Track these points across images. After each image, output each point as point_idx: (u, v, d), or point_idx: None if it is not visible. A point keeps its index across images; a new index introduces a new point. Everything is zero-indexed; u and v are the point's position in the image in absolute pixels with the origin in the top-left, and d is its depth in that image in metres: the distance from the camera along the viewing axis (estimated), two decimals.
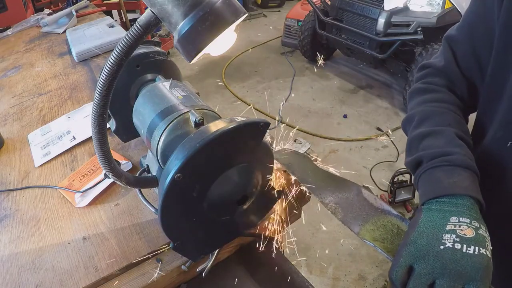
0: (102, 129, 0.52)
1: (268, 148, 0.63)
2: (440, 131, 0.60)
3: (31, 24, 2.05)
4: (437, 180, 0.54)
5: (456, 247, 0.45)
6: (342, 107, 3.39)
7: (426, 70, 0.74)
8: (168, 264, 0.67)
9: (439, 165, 0.56)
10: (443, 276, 0.44)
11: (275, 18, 5.57)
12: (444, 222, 0.48)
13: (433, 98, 0.68)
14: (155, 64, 0.82)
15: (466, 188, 0.52)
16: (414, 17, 2.89)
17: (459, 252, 0.44)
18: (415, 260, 0.46)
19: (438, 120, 0.63)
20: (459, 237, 0.46)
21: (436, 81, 0.71)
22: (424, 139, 0.61)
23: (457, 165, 0.54)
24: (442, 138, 0.59)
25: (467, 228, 0.47)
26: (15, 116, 1.20)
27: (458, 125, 0.62)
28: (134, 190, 0.82)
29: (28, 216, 0.80)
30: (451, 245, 0.45)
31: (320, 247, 2.08)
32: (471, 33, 0.66)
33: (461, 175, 0.53)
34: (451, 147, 0.57)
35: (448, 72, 0.70)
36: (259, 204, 0.67)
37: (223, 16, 0.42)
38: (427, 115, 0.65)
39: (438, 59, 0.73)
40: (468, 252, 0.44)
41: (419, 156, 0.59)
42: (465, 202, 0.50)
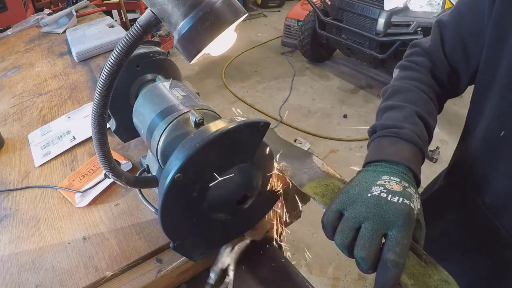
0: (102, 129, 0.52)
1: (268, 148, 0.63)
2: (402, 106, 0.64)
3: (31, 24, 2.05)
4: (380, 147, 0.59)
5: (382, 195, 0.48)
6: (342, 107, 3.39)
7: (414, 49, 0.78)
8: (168, 264, 0.67)
9: (386, 135, 0.60)
10: (368, 219, 0.46)
11: (275, 18, 5.57)
12: (376, 179, 0.52)
13: (410, 76, 0.71)
14: (155, 64, 0.82)
15: (404, 158, 0.55)
16: (414, 17, 2.89)
17: (384, 199, 0.47)
18: (345, 206, 0.49)
19: (405, 96, 0.66)
20: (386, 189, 0.49)
21: (419, 61, 0.74)
22: (386, 111, 0.66)
23: (403, 138, 0.58)
24: (401, 113, 0.63)
25: (396, 185, 0.50)
26: (15, 116, 1.20)
27: (424, 105, 0.65)
28: (134, 190, 0.82)
29: (28, 216, 0.80)
30: (377, 193, 0.49)
31: (320, 247, 2.08)
32: (460, 20, 0.67)
33: (403, 146, 0.57)
34: (404, 123, 0.60)
35: (433, 54, 0.72)
36: (259, 204, 0.67)
37: (223, 16, 0.42)
38: (398, 90, 0.69)
39: (426, 40, 0.76)
40: (392, 200, 0.47)
41: (374, 126, 0.64)
42: (400, 168, 0.53)
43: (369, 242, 0.45)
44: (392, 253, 0.43)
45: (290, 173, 0.62)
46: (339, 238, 0.47)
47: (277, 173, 0.67)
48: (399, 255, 0.43)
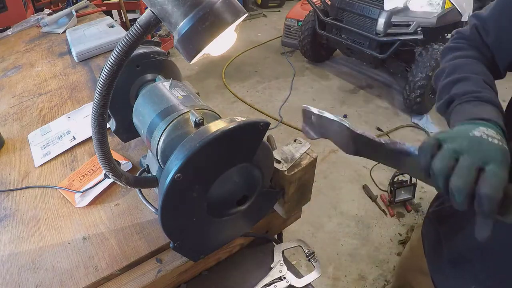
0: (102, 129, 0.52)
1: (268, 148, 0.63)
2: (469, 77, 0.65)
3: (31, 24, 2.05)
4: (467, 110, 0.59)
5: (483, 136, 0.49)
6: (342, 107, 3.39)
7: (456, 35, 0.80)
8: (168, 264, 0.67)
9: (469, 100, 0.61)
10: (468, 152, 0.47)
11: (275, 18, 5.57)
12: (474, 128, 0.51)
13: (462, 55, 0.73)
14: (155, 64, 0.82)
15: (493, 116, 0.55)
16: (414, 17, 2.89)
17: (485, 140, 0.48)
18: (446, 139, 0.49)
19: (467, 69, 0.68)
20: (486, 134, 0.49)
21: (465, 43, 0.76)
22: (455, 85, 0.66)
23: (484, 101, 0.59)
24: (471, 83, 0.64)
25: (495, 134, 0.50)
26: (15, 116, 1.20)
27: (484, 74, 0.67)
28: (134, 190, 0.82)
29: (28, 216, 0.80)
30: (479, 135, 0.49)
31: (320, 247, 2.08)
32: (498, 17, 0.69)
33: (488, 108, 0.58)
34: (479, 88, 0.62)
35: (473, 41, 0.75)
36: (259, 204, 0.67)
37: (223, 16, 0.42)
38: (457, 66, 0.70)
39: (466, 29, 0.77)
40: (493, 141, 0.48)
41: (451, 96, 0.65)
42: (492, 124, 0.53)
43: (468, 171, 0.45)
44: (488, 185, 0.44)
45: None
46: (438, 163, 0.48)
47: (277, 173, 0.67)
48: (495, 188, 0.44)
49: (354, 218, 2.25)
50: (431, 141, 0.50)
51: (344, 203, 2.37)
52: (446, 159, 0.47)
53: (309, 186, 0.75)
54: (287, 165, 0.68)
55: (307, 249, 0.75)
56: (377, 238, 2.13)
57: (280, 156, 0.69)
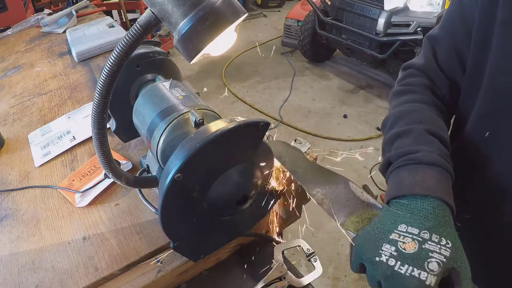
0: (102, 129, 0.52)
1: (268, 148, 0.63)
2: (409, 129, 0.59)
3: (31, 24, 2.05)
4: (400, 179, 0.54)
5: (390, 263, 0.45)
6: (342, 107, 3.39)
7: (407, 71, 0.74)
8: (168, 264, 0.67)
9: (404, 163, 0.55)
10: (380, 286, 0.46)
11: (275, 18, 5.57)
12: (391, 229, 0.48)
13: (408, 99, 0.67)
14: (155, 64, 0.82)
15: (427, 188, 0.50)
16: (414, 17, 2.89)
17: (390, 269, 0.44)
18: (362, 260, 0.49)
19: (409, 119, 0.62)
20: (397, 251, 0.45)
21: (415, 81, 0.70)
22: (395, 141, 0.61)
23: (422, 163, 0.53)
24: (411, 137, 0.58)
25: (411, 241, 0.45)
26: (15, 116, 1.20)
27: (431, 121, 0.61)
28: (134, 190, 0.82)
29: (28, 216, 0.80)
30: (386, 259, 0.45)
31: (320, 247, 2.08)
32: (452, 32, 0.67)
33: (425, 173, 0.52)
34: (418, 145, 0.56)
35: (428, 70, 0.70)
36: (259, 204, 0.67)
37: (223, 16, 0.42)
38: (400, 116, 0.64)
39: (419, 58, 0.73)
40: (399, 271, 0.44)
41: (387, 158, 0.59)
42: (425, 205, 0.48)
43: None
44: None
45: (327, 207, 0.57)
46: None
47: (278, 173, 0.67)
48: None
49: None
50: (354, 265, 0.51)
51: None
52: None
53: None
54: None
55: (307, 249, 0.75)
56: None
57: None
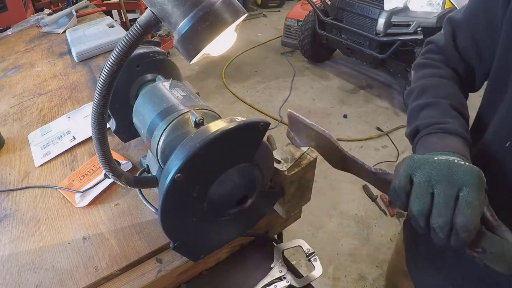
0: (102, 129, 0.52)
1: (268, 148, 0.63)
2: (436, 102, 0.64)
3: (31, 24, 2.05)
4: (431, 143, 0.59)
5: (449, 159, 0.48)
6: (342, 107, 3.39)
7: (429, 46, 0.77)
8: (168, 264, 0.67)
9: (433, 131, 0.60)
10: (439, 182, 0.46)
11: (275, 18, 5.57)
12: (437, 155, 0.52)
13: (431, 73, 0.71)
14: (155, 64, 0.82)
15: (458, 149, 0.55)
16: (414, 17, 2.89)
17: (452, 162, 0.47)
18: (413, 170, 0.48)
19: (435, 93, 0.66)
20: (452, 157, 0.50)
21: (436, 57, 0.74)
22: (421, 111, 0.65)
23: (450, 133, 0.58)
24: (438, 109, 0.63)
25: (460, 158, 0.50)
26: (15, 116, 1.20)
27: (454, 97, 0.66)
28: (134, 190, 0.82)
29: (28, 216, 0.80)
30: (444, 158, 0.49)
31: (320, 247, 2.08)
32: (472, 18, 0.67)
33: (453, 140, 0.57)
34: (445, 118, 0.60)
35: (447, 52, 0.73)
36: (259, 204, 0.67)
37: (223, 16, 0.42)
38: (425, 88, 0.68)
39: (440, 37, 0.75)
40: (460, 162, 0.47)
41: (416, 126, 0.63)
42: (456, 156, 0.53)
43: (445, 209, 0.45)
44: (461, 217, 0.44)
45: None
46: (416, 205, 0.47)
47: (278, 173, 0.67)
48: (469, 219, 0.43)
49: (354, 218, 2.25)
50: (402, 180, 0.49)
51: (344, 203, 2.37)
52: (421, 199, 0.47)
53: (309, 186, 0.75)
54: (287, 165, 0.68)
55: (307, 249, 0.75)
56: (377, 238, 2.13)
57: (280, 156, 0.69)
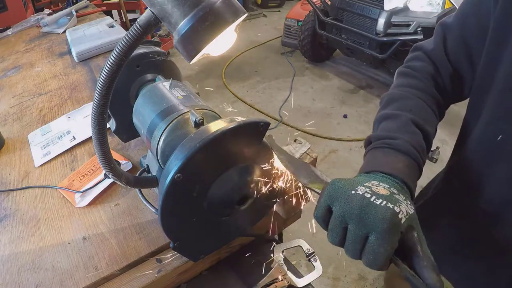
0: (102, 129, 0.52)
1: (268, 148, 0.63)
2: (397, 115, 0.63)
3: (31, 24, 2.05)
4: (374, 158, 0.58)
5: (366, 195, 0.46)
6: (342, 107, 3.39)
7: (416, 53, 0.75)
8: (168, 264, 0.67)
9: (380, 146, 0.59)
10: (351, 220, 0.46)
11: (275, 18, 5.57)
12: (364, 180, 0.50)
13: (407, 83, 0.70)
14: (155, 64, 0.82)
15: (396, 169, 0.53)
16: (414, 17, 2.89)
17: (366, 199, 0.46)
18: (332, 200, 0.48)
19: (401, 104, 0.65)
20: (372, 191, 0.47)
21: (419, 66, 0.72)
22: (382, 122, 0.64)
23: (396, 149, 0.57)
24: (396, 123, 0.61)
25: (383, 189, 0.48)
26: (15, 116, 1.20)
27: (421, 112, 0.64)
28: (134, 190, 0.82)
29: (28, 216, 0.80)
30: (362, 192, 0.47)
31: (320, 247, 2.08)
32: (464, 22, 0.66)
33: (396, 158, 0.56)
34: (399, 133, 0.59)
35: (436, 57, 0.71)
36: (259, 204, 0.67)
37: (223, 16, 0.42)
38: (394, 98, 0.67)
39: (429, 43, 0.74)
40: (375, 202, 0.45)
41: (369, 137, 0.63)
42: (392, 178, 0.52)
43: (353, 246, 0.46)
44: (365, 258, 0.45)
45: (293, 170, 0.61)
46: (330, 237, 0.49)
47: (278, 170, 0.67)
48: (371, 263, 0.44)
49: None
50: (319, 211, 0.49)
51: None
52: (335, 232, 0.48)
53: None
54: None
55: (307, 249, 0.75)
56: None
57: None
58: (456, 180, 0.73)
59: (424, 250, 0.45)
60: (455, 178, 0.74)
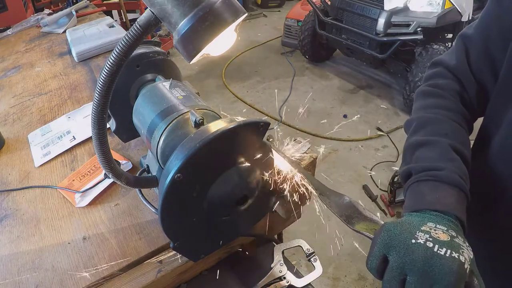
0: (102, 129, 0.52)
1: (268, 148, 0.63)
2: (434, 141, 0.58)
3: (31, 24, 2.05)
4: (421, 194, 0.54)
5: (428, 245, 0.43)
6: (342, 107, 3.39)
7: (437, 69, 0.71)
8: (168, 264, 0.67)
9: (425, 179, 0.54)
10: (412, 272, 0.43)
11: (275, 18, 5.57)
12: (420, 223, 0.47)
13: (435, 104, 0.65)
14: (155, 64, 0.82)
15: (448, 205, 0.50)
16: (414, 17, 2.89)
17: (430, 250, 0.43)
18: (389, 249, 0.45)
19: (435, 129, 0.61)
20: (432, 238, 0.44)
21: (444, 84, 0.68)
22: (417, 149, 0.60)
23: (444, 182, 0.53)
24: (435, 150, 0.57)
25: (442, 233, 0.45)
26: (15, 116, 1.20)
27: (456, 135, 0.60)
28: (134, 190, 0.82)
29: (28, 216, 0.80)
30: (423, 241, 0.44)
31: (320, 247, 2.08)
32: (486, 34, 0.63)
33: (446, 191, 0.52)
34: (441, 162, 0.55)
35: (459, 72, 0.67)
36: (259, 204, 0.67)
37: (223, 16, 0.42)
38: (425, 122, 0.63)
39: (450, 57, 0.70)
40: (439, 252, 0.42)
41: (409, 168, 0.58)
42: (446, 216, 0.49)
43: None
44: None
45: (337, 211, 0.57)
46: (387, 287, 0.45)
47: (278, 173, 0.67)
48: None
49: None
50: (374, 262, 0.46)
51: None
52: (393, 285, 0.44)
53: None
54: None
55: (307, 249, 0.75)
56: None
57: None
58: (471, 193, 0.73)
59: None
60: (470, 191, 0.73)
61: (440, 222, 0.47)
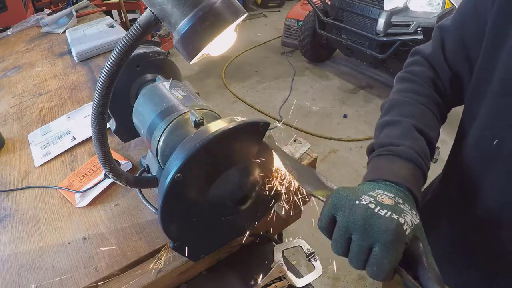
0: (102, 129, 0.52)
1: (268, 148, 0.63)
2: (399, 121, 0.62)
3: (31, 24, 2.05)
4: (377, 166, 0.57)
5: (370, 206, 0.46)
6: (342, 107, 3.39)
7: (414, 58, 0.74)
8: (168, 264, 0.67)
9: (384, 153, 0.58)
10: (355, 231, 0.45)
11: (275, 18, 5.57)
12: (369, 190, 0.50)
13: (407, 88, 0.69)
14: (155, 64, 0.82)
15: (401, 177, 0.52)
16: (414, 17, 2.89)
17: (371, 210, 0.45)
18: (336, 210, 0.48)
19: (402, 110, 0.64)
20: (376, 201, 0.46)
21: (418, 71, 0.71)
22: (384, 128, 0.63)
23: (401, 156, 0.56)
24: (399, 129, 0.61)
25: (388, 199, 0.47)
26: (15, 116, 1.20)
27: (422, 117, 0.63)
28: (134, 190, 0.82)
29: (28, 216, 0.80)
30: (366, 203, 0.46)
31: (320, 247, 2.08)
32: (462, 23, 0.65)
33: (400, 165, 0.55)
34: (402, 139, 0.58)
35: (434, 60, 0.70)
36: (259, 204, 0.67)
37: (223, 16, 0.42)
38: (395, 104, 0.66)
39: (427, 46, 0.72)
40: (379, 213, 0.45)
41: (372, 144, 0.62)
42: (396, 187, 0.51)
43: (356, 257, 0.46)
44: (369, 269, 0.45)
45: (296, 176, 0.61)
46: (334, 247, 0.49)
47: (282, 172, 0.67)
48: (375, 274, 0.44)
49: None
50: (323, 221, 0.49)
51: None
52: (339, 242, 0.47)
53: None
54: None
55: (307, 249, 0.75)
56: None
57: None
58: (452, 184, 0.73)
59: (430, 261, 0.45)
60: (451, 182, 0.74)
61: (389, 190, 0.50)
